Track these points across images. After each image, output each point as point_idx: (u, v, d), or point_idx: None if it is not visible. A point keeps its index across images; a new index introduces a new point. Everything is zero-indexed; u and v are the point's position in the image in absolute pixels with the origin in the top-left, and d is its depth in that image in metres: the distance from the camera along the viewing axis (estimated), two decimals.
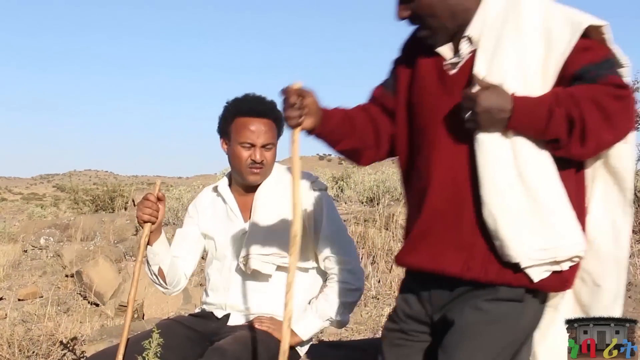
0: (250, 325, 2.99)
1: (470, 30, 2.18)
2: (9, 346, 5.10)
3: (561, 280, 2.13)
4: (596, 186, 2.22)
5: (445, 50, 2.26)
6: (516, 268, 2.08)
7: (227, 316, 3.11)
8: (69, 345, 5.37)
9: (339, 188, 12.99)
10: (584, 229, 2.15)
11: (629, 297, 4.91)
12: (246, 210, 3.17)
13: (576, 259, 2.11)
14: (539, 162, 2.08)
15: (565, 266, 2.10)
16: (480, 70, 2.10)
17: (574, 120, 1.99)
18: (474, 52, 2.17)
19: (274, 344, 2.84)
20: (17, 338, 5.22)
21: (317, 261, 3.13)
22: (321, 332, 5.41)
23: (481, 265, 2.12)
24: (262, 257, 3.01)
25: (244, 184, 3.14)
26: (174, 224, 11.31)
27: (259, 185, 3.13)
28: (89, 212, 16.16)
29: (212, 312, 3.16)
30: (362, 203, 11.53)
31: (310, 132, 2.36)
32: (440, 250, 2.18)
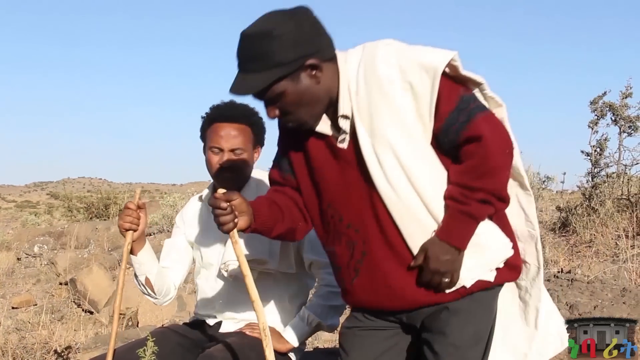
0: (241, 332, 2.99)
1: (343, 109, 2.30)
2: (3, 354, 5.09)
3: (515, 270, 2.43)
4: None
5: (325, 128, 2.38)
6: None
7: (218, 324, 3.11)
8: (63, 353, 5.36)
9: None
10: (509, 230, 2.43)
11: (624, 302, 4.90)
12: None
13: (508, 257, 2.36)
14: None
15: (501, 265, 2.35)
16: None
17: (486, 200, 2.23)
18: (353, 123, 2.31)
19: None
20: (10, 346, 5.21)
21: (302, 266, 3.14)
22: (316, 340, 5.40)
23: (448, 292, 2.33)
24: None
25: None
26: (168, 231, 11.29)
27: (239, 189, 3.12)
28: (83, 219, 16.13)
29: (204, 320, 3.17)
30: None
31: (245, 229, 2.43)
32: (407, 293, 2.36)
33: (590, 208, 7.81)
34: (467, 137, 2.21)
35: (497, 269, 2.35)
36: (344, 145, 2.35)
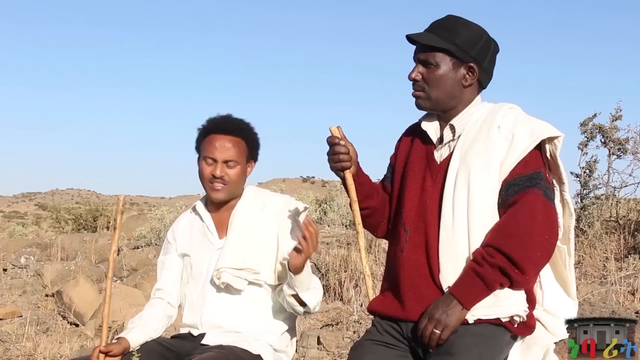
0: (220, 346, 2.98)
1: (455, 122, 2.65)
2: None
3: (527, 326, 2.56)
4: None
5: (433, 134, 2.70)
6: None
7: (202, 335, 3.10)
8: None
9: (322, 211, 12.95)
10: (532, 296, 2.59)
11: None
12: (221, 228, 3.20)
13: (517, 318, 2.50)
14: None
15: (512, 320, 2.50)
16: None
17: (502, 267, 2.41)
18: (453, 148, 2.63)
19: None
20: None
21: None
22: (303, 357, 5.37)
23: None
24: (234, 271, 3.04)
25: (213, 202, 3.20)
26: (156, 244, 11.24)
27: (227, 202, 3.18)
28: (71, 231, 16.06)
29: (189, 332, 3.16)
30: (345, 226, 11.51)
31: (353, 175, 2.71)
32: (413, 303, 2.59)
33: (578, 229, 7.83)
34: (516, 199, 2.47)
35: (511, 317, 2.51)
36: (439, 158, 2.66)
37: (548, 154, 2.58)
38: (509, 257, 2.41)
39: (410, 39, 2.69)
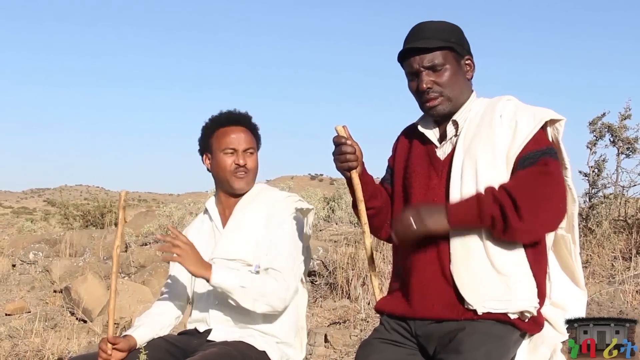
0: (225, 342, 2.98)
1: (457, 117, 2.67)
2: None
3: (536, 323, 2.56)
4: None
5: (432, 136, 2.72)
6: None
7: (208, 331, 3.12)
8: None
9: (330, 209, 12.94)
10: (543, 289, 2.58)
11: None
12: (226, 222, 3.25)
13: (528, 314, 2.49)
14: (506, 243, 2.51)
15: (522, 316, 2.49)
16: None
17: (501, 202, 2.41)
18: (456, 143, 2.64)
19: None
20: (3, 353, 5.19)
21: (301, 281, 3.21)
22: (310, 354, 5.38)
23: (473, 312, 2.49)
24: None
25: (231, 194, 3.24)
26: (164, 241, 11.25)
27: (241, 196, 3.23)
28: (79, 227, 16.10)
29: (195, 328, 3.18)
30: (353, 224, 11.50)
31: (359, 175, 2.70)
32: (439, 305, 2.54)
33: (587, 229, 7.80)
34: (537, 162, 2.48)
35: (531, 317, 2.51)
36: (442, 156, 2.67)
37: (550, 139, 2.60)
38: (515, 201, 2.40)
39: (408, 51, 2.65)
